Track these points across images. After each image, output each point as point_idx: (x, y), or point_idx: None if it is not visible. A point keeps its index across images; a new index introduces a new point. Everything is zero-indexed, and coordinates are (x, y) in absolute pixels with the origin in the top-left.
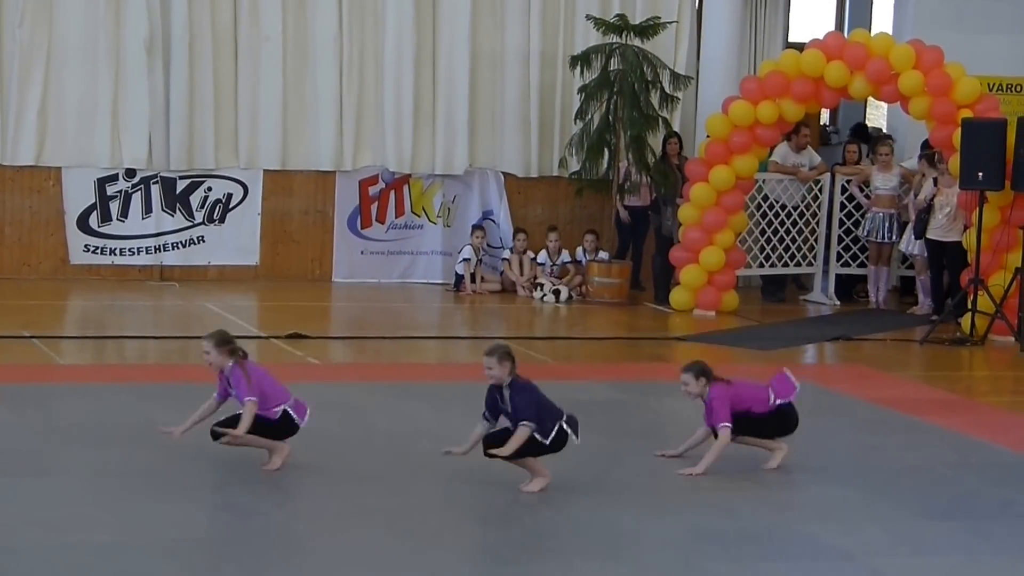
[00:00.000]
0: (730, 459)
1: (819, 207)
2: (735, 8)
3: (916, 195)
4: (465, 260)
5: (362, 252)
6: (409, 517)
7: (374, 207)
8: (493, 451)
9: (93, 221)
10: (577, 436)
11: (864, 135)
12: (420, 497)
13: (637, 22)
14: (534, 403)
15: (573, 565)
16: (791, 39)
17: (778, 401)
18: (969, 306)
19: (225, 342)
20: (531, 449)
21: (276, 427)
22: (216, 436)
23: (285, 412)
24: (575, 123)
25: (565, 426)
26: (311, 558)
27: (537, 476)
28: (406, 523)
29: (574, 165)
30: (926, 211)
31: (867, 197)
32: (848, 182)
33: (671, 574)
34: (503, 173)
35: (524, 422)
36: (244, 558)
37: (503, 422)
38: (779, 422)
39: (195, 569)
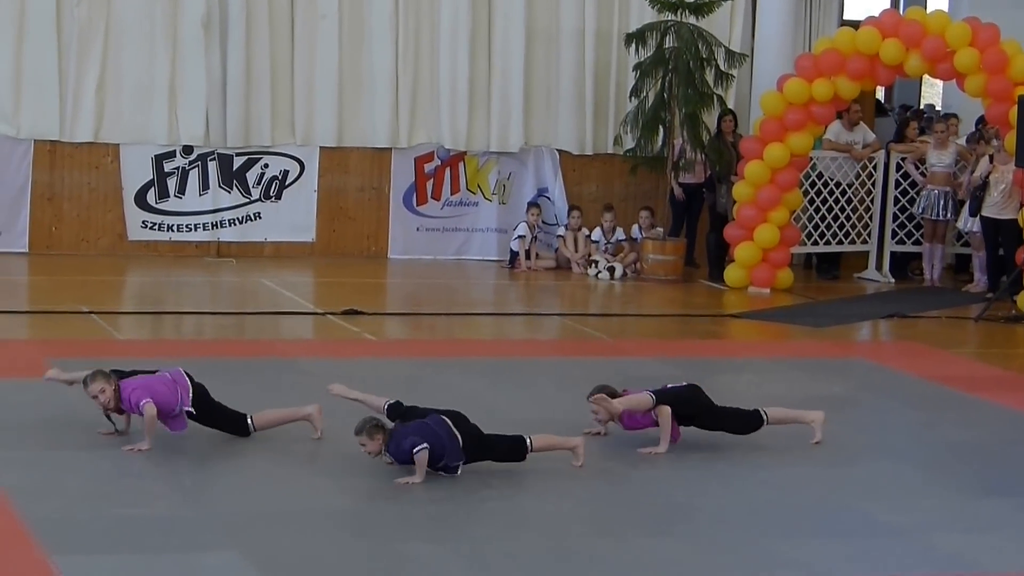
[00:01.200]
0: (781, 435)
1: (873, 184)
2: None
3: (972, 172)
4: (520, 237)
5: (417, 229)
6: (462, 492)
7: (429, 184)
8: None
9: (151, 197)
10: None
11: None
12: (473, 473)
13: (692, 0)
14: (409, 434)
15: (627, 541)
16: (846, 16)
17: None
18: None
19: (107, 376)
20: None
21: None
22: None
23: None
24: (630, 101)
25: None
26: (367, 531)
27: (573, 448)
28: (457, 498)
29: (629, 143)
30: (981, 188)
31: (922, 175)
32: (903, 159)
33: (725, 550)
34: (558, 150)
35: (415, 450)
36: (300, 532)
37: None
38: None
39: (252, 543)
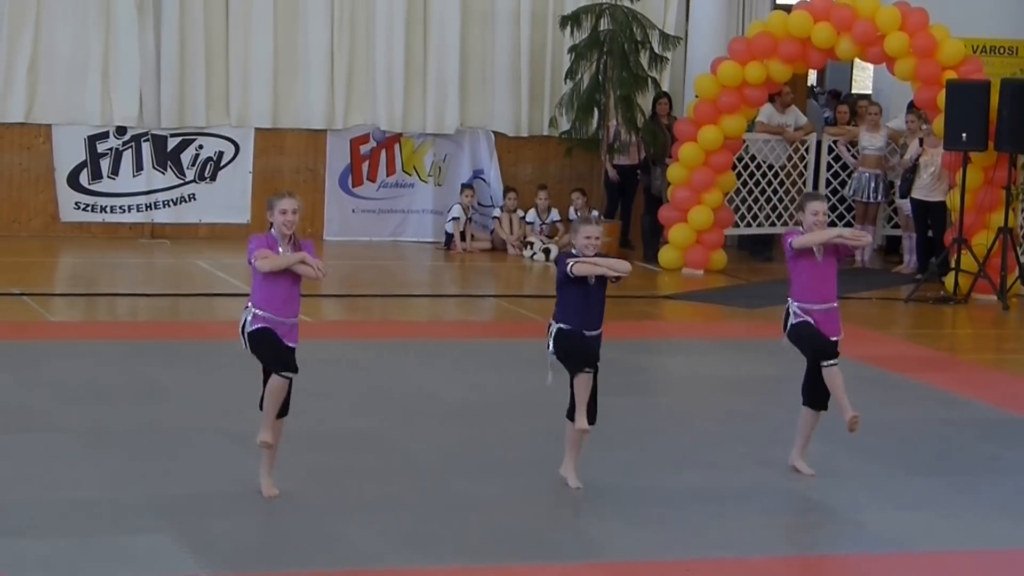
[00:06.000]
0: (717, 417)
1: (806, 167)
2: None
3: (902, 155)
4: (454, 219)
5: (353, 210)
6: (396, 476)
7: (365, 166)
8: None
9: (84, 178)
10: None
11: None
12: (411, 459)
13: None
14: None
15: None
16: (779, 0)
17: None
18: (953, 265)
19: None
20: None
21: None
22: None
23: None
24: (565, 83)
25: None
26: (303, 514)
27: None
28: (392, 482)
29: (564, 124)
30: (911, 171)
31: (854, 157)
32: (835, 142)
33: (656, 530)
34: (494, 132)
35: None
36: (233, 515)
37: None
38: None
39: (184, 525)
